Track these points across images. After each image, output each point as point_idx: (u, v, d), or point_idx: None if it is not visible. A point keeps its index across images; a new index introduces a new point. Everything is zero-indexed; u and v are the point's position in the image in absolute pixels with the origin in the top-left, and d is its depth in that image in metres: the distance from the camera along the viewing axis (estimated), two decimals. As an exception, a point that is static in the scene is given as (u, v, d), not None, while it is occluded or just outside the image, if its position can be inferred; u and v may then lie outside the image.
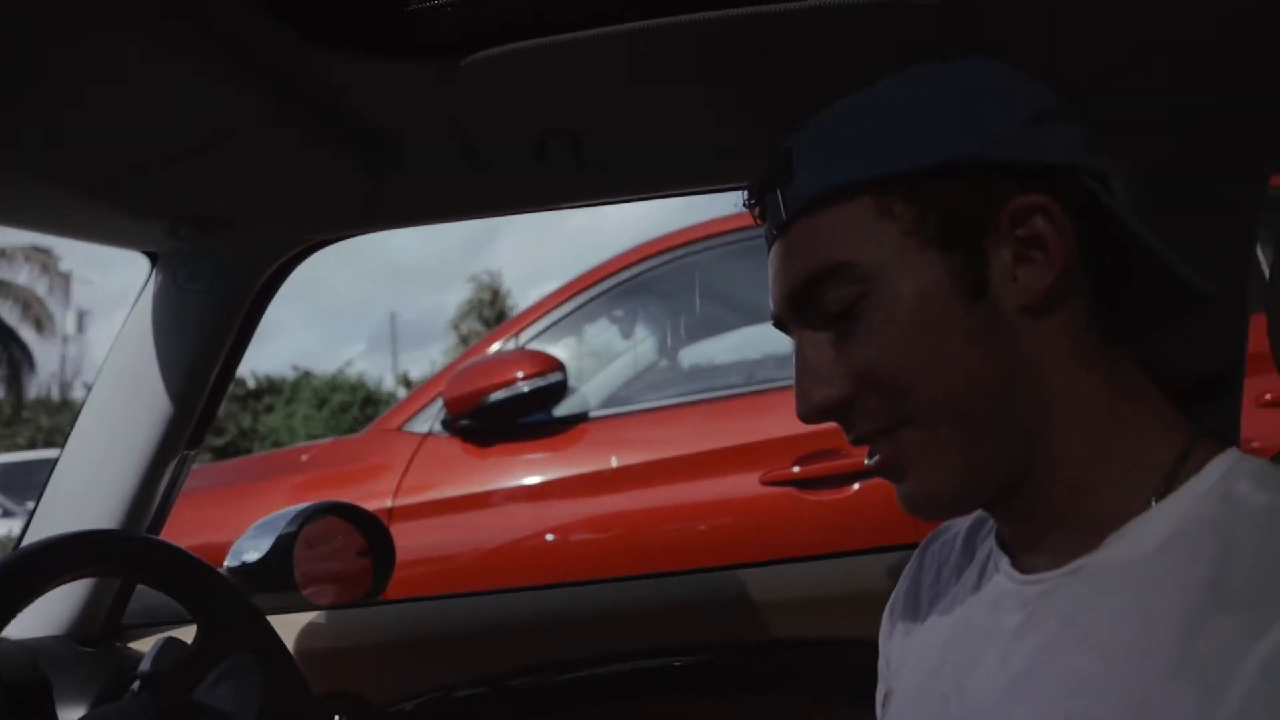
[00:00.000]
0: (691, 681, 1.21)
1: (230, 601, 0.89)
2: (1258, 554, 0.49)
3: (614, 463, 2.08)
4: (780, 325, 0.64)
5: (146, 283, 1.10)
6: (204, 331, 1.08)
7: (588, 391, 2.32)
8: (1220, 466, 0.54)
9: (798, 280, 0.59)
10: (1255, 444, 1.36)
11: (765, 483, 1.97)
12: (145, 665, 0.80)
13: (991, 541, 0.65)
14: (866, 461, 0.61)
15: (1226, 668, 0.46)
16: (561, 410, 2.22)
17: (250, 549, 1.33)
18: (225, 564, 1.33)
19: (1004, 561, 0.62)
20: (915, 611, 0.72)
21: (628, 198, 1.05)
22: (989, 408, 0.56)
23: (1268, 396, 1.83)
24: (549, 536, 2.05)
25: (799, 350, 0.61)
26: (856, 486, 1.92)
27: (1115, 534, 0.55)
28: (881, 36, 0.71)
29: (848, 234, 0.57)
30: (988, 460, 0.57)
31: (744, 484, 1.98)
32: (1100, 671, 0.51)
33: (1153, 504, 0.54)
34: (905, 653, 0.70)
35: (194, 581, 0.87)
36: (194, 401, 1.10)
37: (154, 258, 1.09)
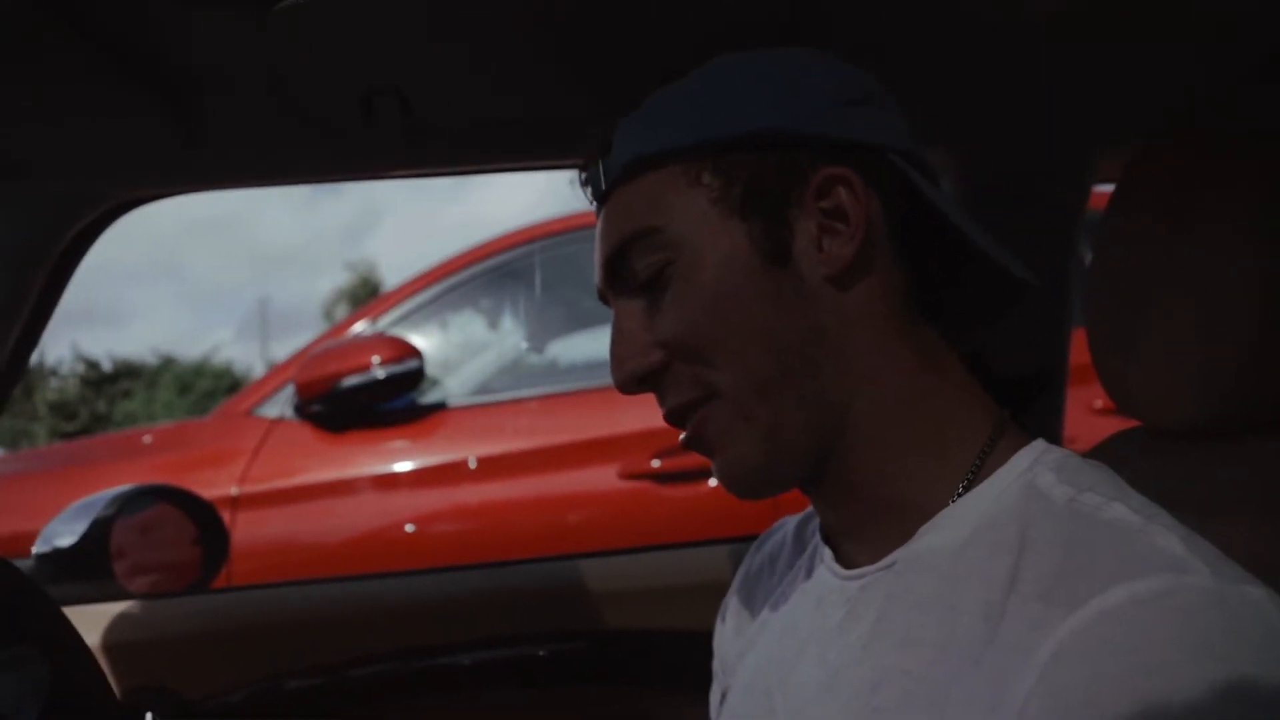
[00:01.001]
0: (530, 672, 1.19)
1: (9, 589, 0.81)
2: (1053, 548, 0.49)
3: (472, 454, 2.04)
4: (603, 298, 0.64)
5: None
6: (3, 287, 0.99)
7: (450, 382, 2.27)
8: (1026, 458, 0.55)
9: (611, 247, 0.60)
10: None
11: (623, 476, 1.97)
12: None
13: (818, 535, 0.66)
14: (680, 439, 0.60)
15: (1016, 665, 0.47)
16: (422, 398, 2.16)
17: (63, 533, 1.24)
18: (34, 549, 1.24)
19: (828, 555, 0.62)
20: (749, 609, 0.72)
21: (462, 169, 1.02)
22: (792, 374, 0.56)
23: (1099, 404, 1.93)
24: (407, 527, 2.00)
25: (615, 319, 0.61)
26: (713, 482, 1.93)
27: (927, 525, 0.55)
28: (724, 11, 0.71)
29: (657, 201, 0.58)
30: (793, 432, 0.57)
31: (603, 477, 1.97)
32: (908, 666, 0.52)
33: (959, 495, 0.55)
34: (740, 651, 0.70)
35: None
36: None
37: None
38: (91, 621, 1.17)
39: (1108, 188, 0.81)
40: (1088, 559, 0.47)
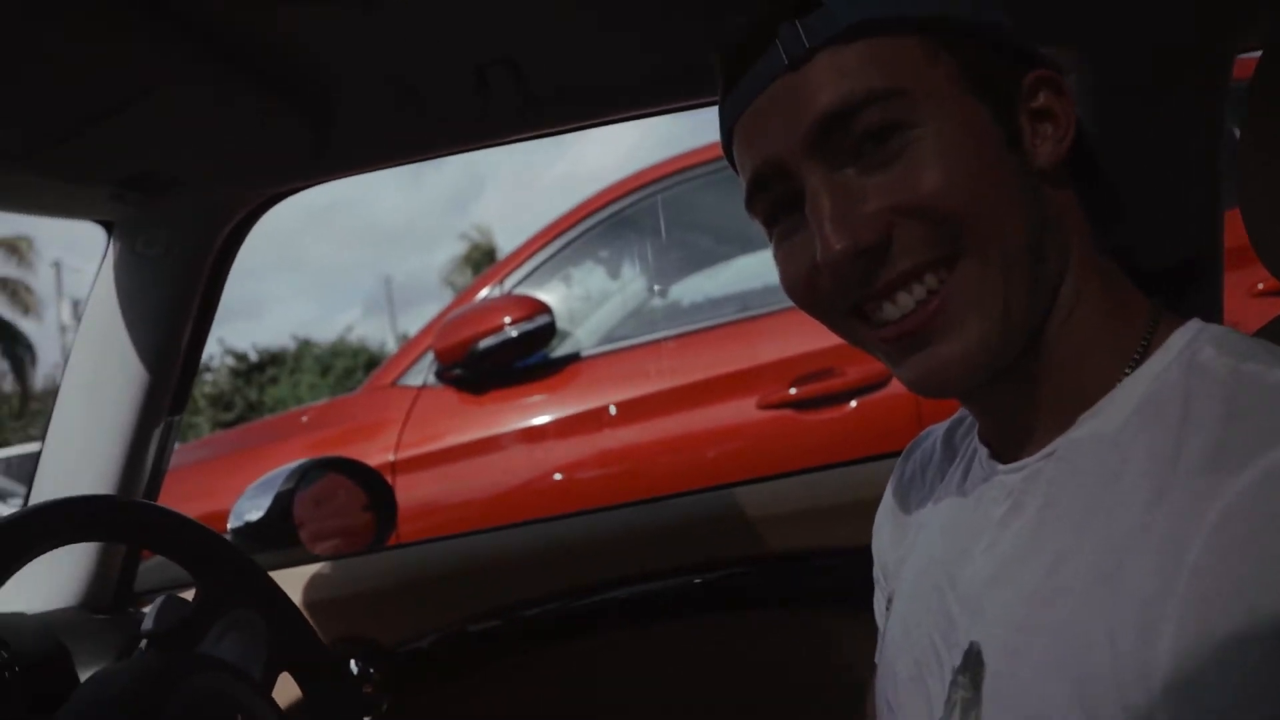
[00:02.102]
0: (700, 600, 1.22)
1: (227, 558, 0.89)
2: (1216, 419, 0.49)
3: (609, 400, 2.09)
4: (770, 180, 0.59)
5: (105, 253, 1.09)
6: (168, 296, 1.08)
7: (580, 334, 2.32)
8: (1184, 336, 0.55)
9: (832, 105, 0.55)
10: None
11: (762, 407, 1.98)
12: (148, 624, 0.81)
13: (974, 438, 0.66)
14: (889, 322, 0.57)
15: (1187, 529, 0.47)
16: (554, 352, 2.22)
17: (250, 509, 1.35)
18: (228, 525, 1.35)
19: (987, 455, 0.63)
20: (904, 517, 0.73)
21: (578, 125, 1.03)
22: (1029, 244, 0.56)
23: (1260, 286, 1.82)
24: (555, 476, 2.07)
25: (814, 196, 0.56)
26: (854, 404, 1.93)
27: (1087, 412, 0.56)
28: None
29: (898, 65, 0.55)
30: (1021, 313, 0.56)
31: (742, 409, 1.99)
32: (1076, 547, 0.52)
33: (1121, 380, 0.55)
34: (901, 557, 0.71)
35: (187, 540, 0.88)
36: (169, 366, 1.09)
37: (109, 227, 1.08)
38: (289, 583, 1.27)
39: (1252, 55, 0.76)
40: (1253, 424, 0.48)
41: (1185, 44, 1.00)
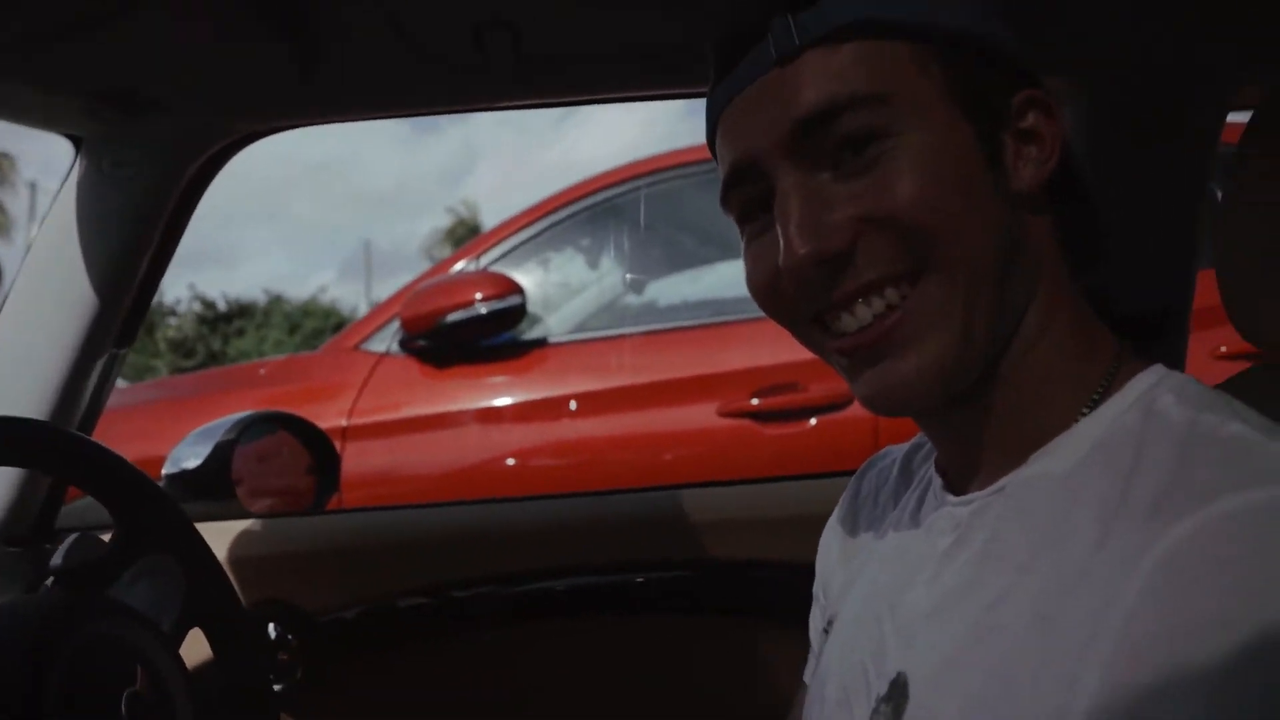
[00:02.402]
0: (638, 599, 1.21)
1: (151, 501, 0.86)
2: (1167, 467, 0.48)
3: (572, 390, 2.07)
4: (744, 177, 0.58)
5: (71, 168, 1.04)
6: (131, 221, 1.04)
7: (551, 320, 2.29)
8: (1145, 382, 0.55)
9: (812, 107, 0.54)
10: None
11: (723, 414, 1.97)
12: (56, 560, 0.77)
13: (930, 465, 0.66)
14: (845, 334, 0.56)
15: (1124, 576, 0.46)
16: (523, 335, 2.19)
17: (189, 456, 1.31)
18: (163, 471, 1.31)
19: (940, 486, 0.62)
20: (854, 535, 0.72)
21: (572, 99, 1.02)
22: (997, 265, 0.55)
23: (1223, 349, 1.84)
24: (508, 461, 2.04)
25: (783, 198, 0.55)
26: (813, 421, 1.92)
27: (1040, 450, 0.55)
28: None
29: (884, 70, 0.54)
30: (982, 336, 0.55)
31: (702, 414, 1.97)
32: (1016, 586, 0.51)
33: (1078, 420, 0.55)
34: (848, 579, 0.70)
35: (112, 477, 0.84)
36: (120, 295, 1.05)
37: (78, 143, 1.03)
38: (217, 537, 1.23)
39: (1240, 117, 0.77)
40: (1201, 473, 0.47)
41: (1180, 96, 1.00)
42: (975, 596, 0.54)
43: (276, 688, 1.14)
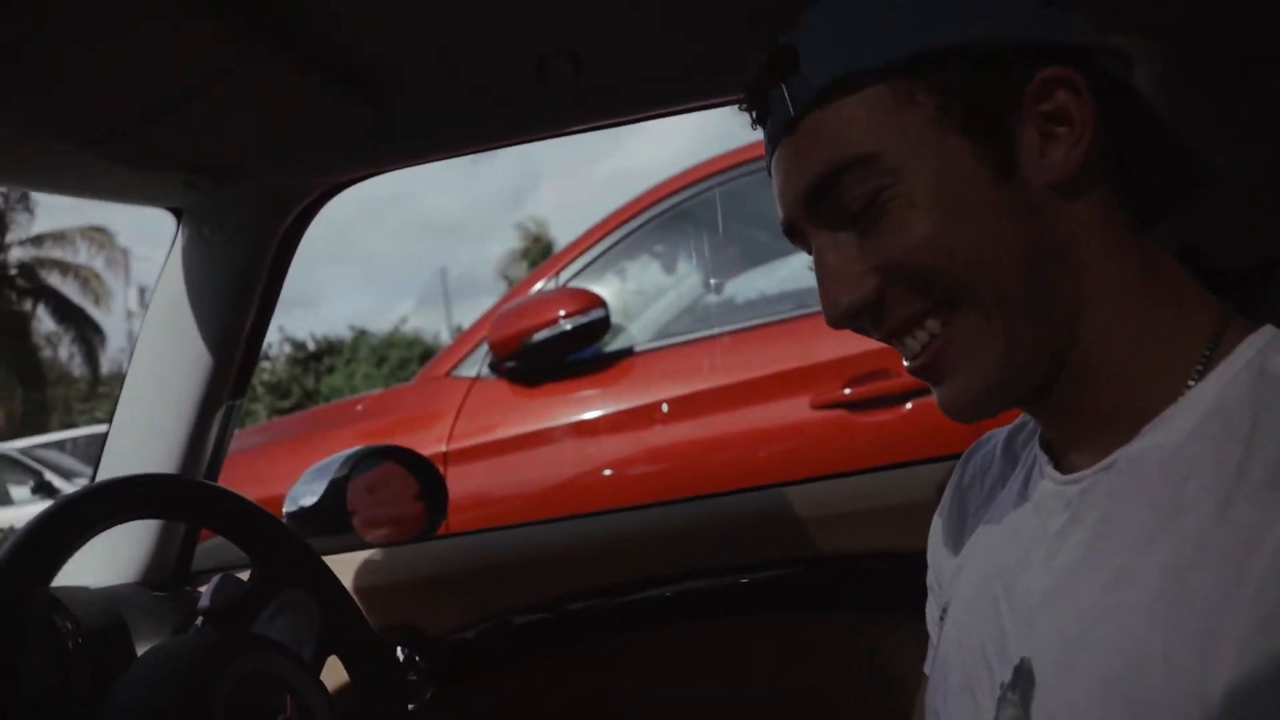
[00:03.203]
0: (747, 601, 1.21)
1: (281, 540, 0.91)
2: None
3: (662, 396, 2.08)
4: (792, 232, 0.62)
5: (174, 239, 1.11)
6: (233, 281, 1.10)
7: (634, 329, 2.31)
8: (1255, 344, 0.53)
9: (814, 177, 0.57)
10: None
11: (816, 407, 1.96)
12: (204, 601, 0.83)
13: (1035, 446, 0.65)
14: (905, 363, 0.60)
15: (1251, 546, 0.45)
16: (608, 347, 2.22)
17: (305, 494, 1.37)
18: (284, 510, 1.37)
19: (1047, 464, 0.61)
20: (962, 523, 0.72)
21: (633, 117, 1.04)
22: (1026, 285, 0.54)
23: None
24: (605, 471, 2.06)
25: (818, 255, 0.59)
26: (909, 406, 1.89)
27: (1150, 424, 0.54)
28: None
29: (867, 124, 0.55)
30: (1028, 347, 0.55)
31: (795, 409, 1.97)
32: (1137, 563, 0.51)
33: (1187, 389, 0.53)
34: (958, 565, 0.70)
35: (245, 522, 0.89)
36: (231, 351, 1.12)
37: (178, 214, 1.10)
38: (342, 569, 1.29)
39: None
40: None
41: (1266, 38, 0.96)
42: (1094, 576, 0.53)
43: (410, 708, 1.18)
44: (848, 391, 1.93)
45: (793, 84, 0.57)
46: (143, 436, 1.13)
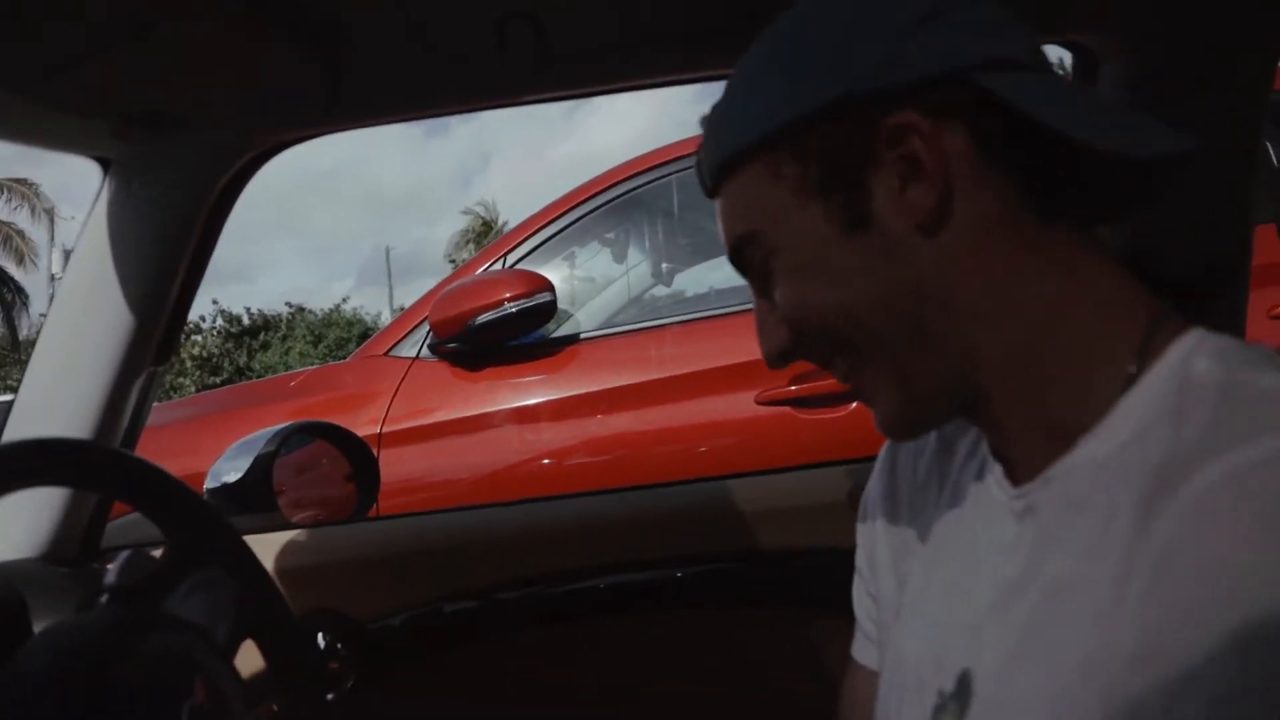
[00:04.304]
0: (685, 594, 1.19)
1: (199, 515, 0.85)
2: (1200, 431, 0.47)
3: (606, 385, 2.05)
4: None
5: (100, 191, 1.04)
6: (162, 239, 1.03)
7: (580, 316, 2.28)
8: (1183, 348, 0.52)
9: (728, 245, 0.63)
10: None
11: (760, 402, 1.94)
12: (111, 578, 0.77)
13: (983, 449, 0.64)
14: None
15: (1167, 557, 0.45)
16: (553, 333, 2.18)
17: (229, 469, 1.30)
18: (205, 486, 1.31)
19: (997, 470, 0.61)
20: (897, 510, 0.71)
21: (591, 89, 1.00)
22: (900, 326, 0.56)
23: (1279, 310, 1.80)
24: (544, 460, 2.03)
25: (753, 301, 0.65)
26: (853, 405, 1.90)
27: (1085, 435, 0.53)
28: None
29: (748, 202, 0.60)
30: (926, 381, 0.58)
31: (740, 403, 1.95)
32: (1074, 575, 0.51)
33: (1118, 400, 0.52)
34: (896, 557, 0.70)
35: (160, 494, 0.84)
36: (156, 313, 1.05)
37: (106, 165, 1.03)
38: (263, 548, 1.23)
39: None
40: (1233, 425, 0.45)
41: (1226, 46, 0.97)
42: (1035, 588, 0.53)
43: (329, 696, 1.13)
44: (793, 388, 1.93)
45: (703, 161, 0.63)
46: (55, 400, 1.06)
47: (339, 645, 1.15)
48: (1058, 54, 1.05)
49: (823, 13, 0.57)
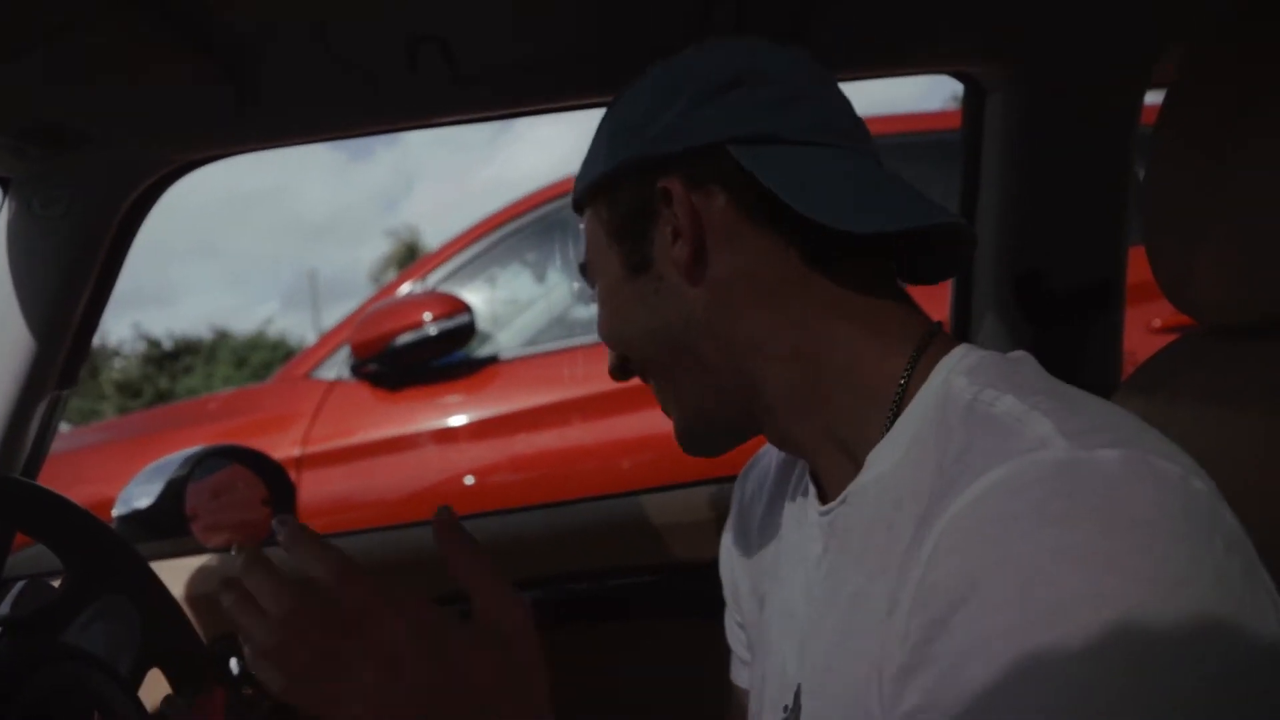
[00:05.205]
0: (601, 606, 1.20)
1: (99, 542, 0.84)
2: (954, 451, 0.49)
3: (527, 404, 2.06)
4: None
5: None
6: (65, 261, 1.01)
7: (501, 336, 2.28)
8: (945, 367, 0.56)
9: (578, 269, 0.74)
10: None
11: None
12: (4, 609, 0.76)
13: (802, 466, 0.70)
14: None
15: (925, 571, 0.47)
16: (474, 353, 2.18)
17: (140, 494, 1.28)
18: (114, 511, 1.28)
19: (812, 492, 0.65)
20: (747, 538, 0.77)
21: (507, 112, 1.01)
22: (684, 359, 0.64)
23: (1157, 323, 1.88)
24: (467, 479, 2.02)
25: None
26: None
27: (872, 453, 0.57)
28: None
29: (588, 235, 0.69)
30: (710, 403, 0.65)
31: (660, 419, 1.97)
32: (866, 590, 0.54)
33: (889, 421, 0.56)
34: (752, 584, 0.75)
35: (57, 520, 0.82)
36: (59, 337, 1.03)
37: (5, 184, 1.01)
38: (175, 575, 1.21)
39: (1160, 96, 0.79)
40: (969, 456, 0.48)
41: (1099, 77, 1.03)
42: (838, 603, 0.56)
43: (243, 724, 1.11)
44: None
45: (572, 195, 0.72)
46: None
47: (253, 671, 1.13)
48: (952, 86, 1.10)
49: (654, 81, 0.65)
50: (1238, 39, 0.63)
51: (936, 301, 0.98)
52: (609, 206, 0.65)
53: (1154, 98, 1.02)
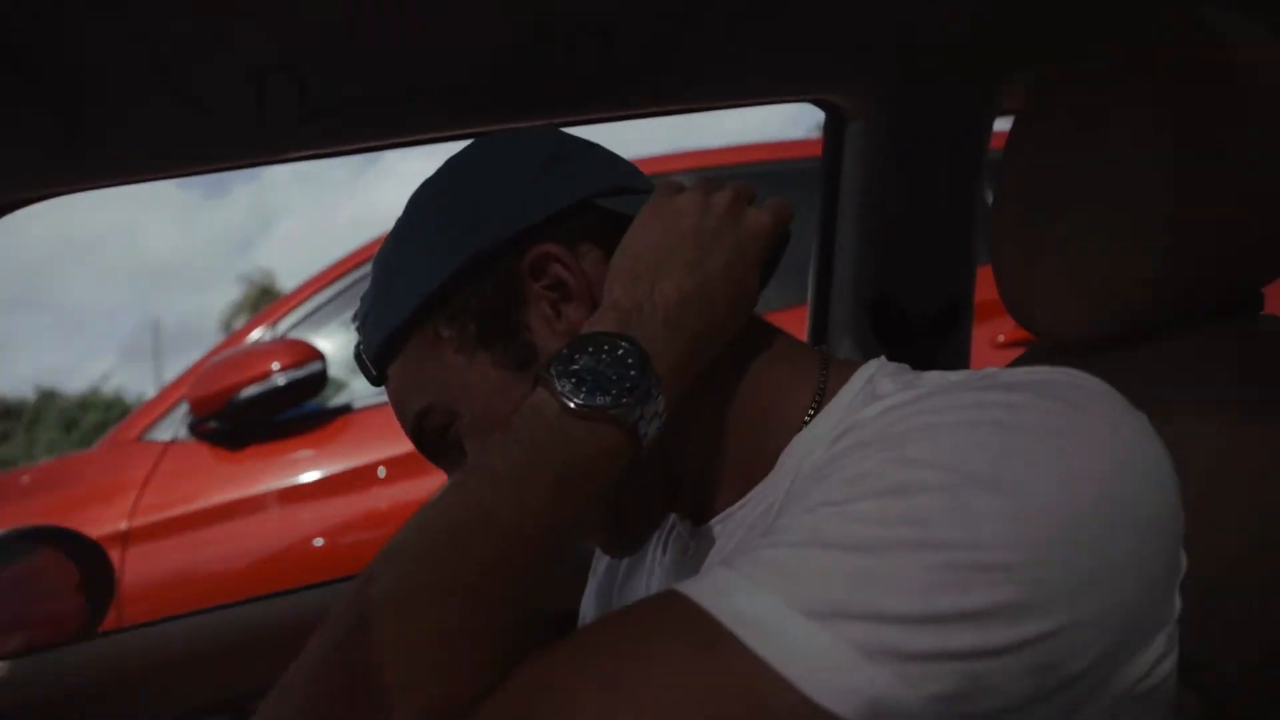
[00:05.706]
0: None
1: None
2: (863, 442, 0.48)
3: (382, 456, 1.93)
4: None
5: None
6: None
7: (356, 384, 2.15)
8: (866, 372, 0.57)
9: (409, 430, 0.62)
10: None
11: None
12: None
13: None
14: None
15: None
16: (327, 403, 2.04)
17: (-76, 591, 1.10)
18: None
19: (687, 523, 0.64)
20: (612, 577, 0.76)
21: (359, 148, 0.93)
22: None
23: (1001, 338, 1.96)
24: (316, 540, 1.87)
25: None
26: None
27: (759, 484, 0.57)
28: None
29: (417, 376, 0.60)
30: (638, 489, 0.58)
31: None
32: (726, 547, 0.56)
33: (793, 438, 0.56)
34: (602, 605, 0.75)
35: None
36: None
37: None
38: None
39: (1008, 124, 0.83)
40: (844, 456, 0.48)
41: (955, 107, 1.07)
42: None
43: None
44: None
45: (363, 353, 0.63)
46: None
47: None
48: (816, 115, 1.14)
49: (450, 185, 0.62)
50: (1077, 75, 0.68)
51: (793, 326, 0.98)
52: (453, 322, 0.59)
53: (1004, 124, 1.06)
